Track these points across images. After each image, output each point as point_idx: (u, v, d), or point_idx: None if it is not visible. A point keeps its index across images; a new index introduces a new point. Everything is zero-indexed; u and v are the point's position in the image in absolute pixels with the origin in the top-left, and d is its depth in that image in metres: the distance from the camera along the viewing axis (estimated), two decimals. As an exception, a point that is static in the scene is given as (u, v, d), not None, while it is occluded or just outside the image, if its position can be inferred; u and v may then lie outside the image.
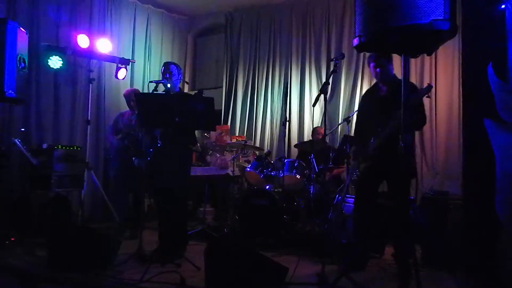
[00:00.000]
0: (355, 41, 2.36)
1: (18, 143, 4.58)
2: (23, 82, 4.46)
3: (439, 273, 3.61)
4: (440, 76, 5.83)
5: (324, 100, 3.37)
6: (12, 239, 4.33)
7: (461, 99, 5.49)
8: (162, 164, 3.98)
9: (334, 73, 3.40)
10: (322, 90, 3.30)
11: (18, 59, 4.32)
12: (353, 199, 3.98)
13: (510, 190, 2.20)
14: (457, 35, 2.23)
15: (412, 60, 5.82)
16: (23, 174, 5.14)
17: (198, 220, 5.88)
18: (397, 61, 6.08)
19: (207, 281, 3.00)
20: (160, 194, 4.14)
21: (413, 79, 5.91)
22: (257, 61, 7.54)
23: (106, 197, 5.65)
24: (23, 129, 5.28)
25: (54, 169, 5.00)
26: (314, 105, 3.43)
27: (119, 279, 3.32)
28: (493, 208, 2.40)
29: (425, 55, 2.42)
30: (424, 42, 2.34)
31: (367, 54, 4.24)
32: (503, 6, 2.25)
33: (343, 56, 3.42)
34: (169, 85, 3.98)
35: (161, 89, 4.09)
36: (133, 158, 4.78)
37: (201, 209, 6.09)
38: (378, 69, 3.62)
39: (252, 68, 7.59)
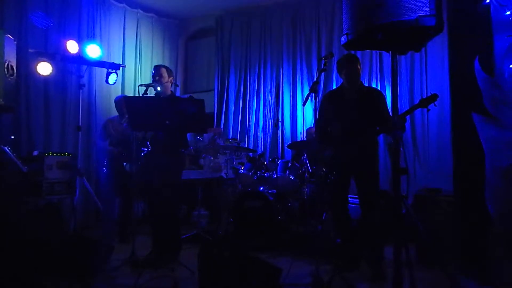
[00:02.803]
0: (343, 39, 2.36)
1: (7, 150, 4.52)
2: (11, 89, 4.42)
3: (433, 271, 3.61)
4: (430, 74, 5.84)
5: (315, 99, 3.37)
6: (4, 248, 4.27)
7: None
8: (153, 168, 3.95)
9: (324, 72, 3.41)
10: (312, 89, 3.30)
11: (6, 66, 4.28)
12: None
13: (499, 184, 2.19)
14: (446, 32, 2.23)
15: (403, 57, 5.85)
16: (14, 182, 5.07)
17: (192, 224, 5.84)
18: (387, 59, 6.18)
19: (201, 284, 2.97)
20: (152, 198, 4.11)
21: (404, 77, 5.93)
22: (249, 63, 7.54)
23: (98, 203, 5.61)
24: (12, 137, 5.22)
25: (45, 176, 4.95)
26: (304, 104, 3.43)
27: (112, 285, 3.29)
28: (483, 203, 2.39)
29: (415, 52, 2.43)
30: (411, 38, 2.35)
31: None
32: (487, 1, 2.25)
33: (332, 55, 3.43)
34: (159, 88, 3.95)
35: (152, 92, 4.06)
36: (125, 164, 4.75)
37: (195, 212, 6.05)
38: (356, 74, 3.68)
39: (243, 70, 7.59)
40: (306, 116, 6.71)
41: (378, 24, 2.21)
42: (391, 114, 3.53)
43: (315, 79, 6.58)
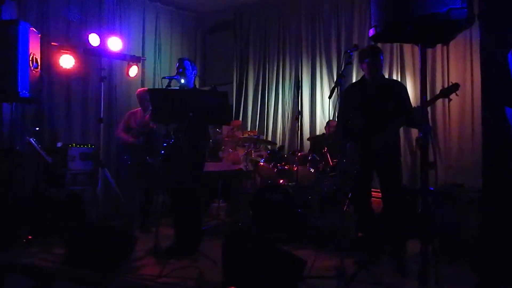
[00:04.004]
0: (372, 31, 2.33)
1: (33, 141, 4.61)
2: (36, 82, 4.51)
3: (456, 266, 3.59)
4: (452, 66, 5.75)
5: (339, 92, 3.35)
6: (29, 237, 4.37)
7: (474, 89, 5.46)
8: (176, 160, 3.99)
9: (350, 65, 3.38)
10: (337, 82, 3.29)
11: (30, 59, 4.36)
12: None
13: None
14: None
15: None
16: (38, 173, 5.18)
17: (212, 216, 5.89)
18: (408, 51, 6.11)
19: (225, 275, 3.01)
20: (174, 190, 4.15)
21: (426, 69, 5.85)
22: (267, 56, 7.52)
23: (120, 194, 5.69)
24: (37, 128, 5.31)
25: (68, 167, 5.04)
26: (330, 97, 3.41)
27: (136, 275, 3.34)
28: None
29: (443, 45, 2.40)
30: (441, 31, 2.31)
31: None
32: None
33: (357, 48, 3.39)
34: (182, 81, 3.97)
35: (174, 85, 4.08)
36: (148, 158, 4.81)
37: (214, 204, 6.10)
38: (378, 65, 3.63)
39: (262, 62, 7.59)
40: (326, 109, 6.70)
41: (408, 17, 2.18)
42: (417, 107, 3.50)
43: (335, 72, 6.63)
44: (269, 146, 6.26)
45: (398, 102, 3.59)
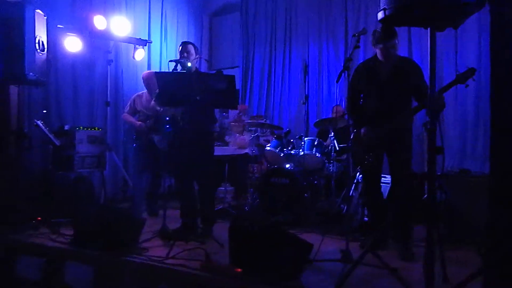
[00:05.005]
0: (381, 14, 2.30)
1: (40, 124, 4.63)
2: (42, 64, 4.50)
3: (461, 250, 3.60)
4: (461, 50, 5.69)
5: (348, 76, 3.30)
6: (39, 218, 4.42)
7: (482, 74, 5.40)
8: (184, 143, 4.01)
9: (357, 48, 3.33)
10: (345, 66, 3.24)
11: (37, 41, 4.35)
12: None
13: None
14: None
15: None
16: (46, 155, 5.22)
17: (218, 200, 5.93)
18: (416, 34, 6.03)
19: (232, 257, 3.04)
20: (183, 174, 4.17)
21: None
22: (274, 39, 7.47)
23: (127, 177, 5.73)
24: (44, 111, 5.33)
25: (76, 150, 5.06)
26: (337, 81, 3.36)
27: (144, 256, 3.39)
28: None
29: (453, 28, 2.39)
30: (451, 15, 2.29)
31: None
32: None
33: (365, 32, 3.33)
34: (189, 64, 3.97)
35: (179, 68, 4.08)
36: (153, 136, 4.83)
37: (221, 188, 6.14)
38: (393, 51, 3.52)
39: (268, 46, 7.54)
40: (333, 93, 6.67)
41: (418, 0, 2.16)
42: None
43: (342, 56, 6.57)
44: (276, 131, 6.25)
45: (412, 84, 3.49)
